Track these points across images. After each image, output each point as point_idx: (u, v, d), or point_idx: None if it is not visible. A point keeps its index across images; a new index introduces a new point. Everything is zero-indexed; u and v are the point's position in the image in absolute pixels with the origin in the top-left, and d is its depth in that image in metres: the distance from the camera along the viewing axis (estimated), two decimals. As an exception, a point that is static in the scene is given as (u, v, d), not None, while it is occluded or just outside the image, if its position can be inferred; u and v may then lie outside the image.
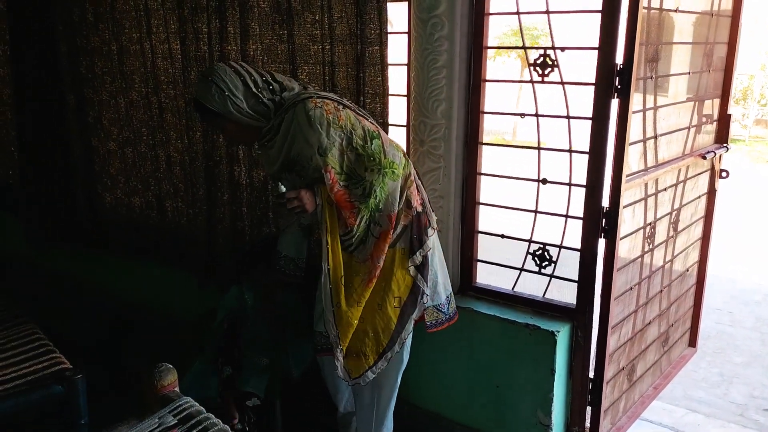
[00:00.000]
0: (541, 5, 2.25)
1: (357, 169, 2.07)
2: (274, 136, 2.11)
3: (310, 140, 2.02)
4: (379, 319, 2.19)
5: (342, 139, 2.04)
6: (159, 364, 1.85)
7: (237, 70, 2.08)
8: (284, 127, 2.07)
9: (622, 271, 2.47)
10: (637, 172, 2.44)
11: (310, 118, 2.00)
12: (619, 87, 2.16)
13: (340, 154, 2.04)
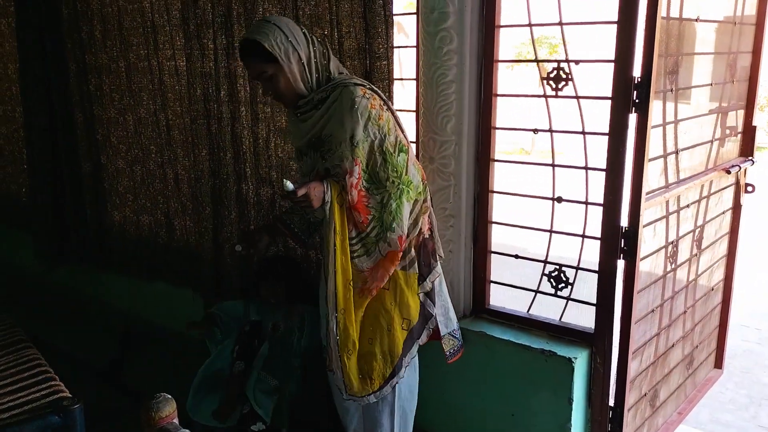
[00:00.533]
0: (554, 17, 2.16)
1: (380, 174, 2.00)
2: (311, 110, 2.03)
3: (346, 125, 1.94)
4: (388, 341, 2.11)
5: (376, 138, 1.97)
6: (157, 394, 1.78)
7: (299, 26, 2.04)
8: (327, 104, 2.00)
9: (643, 293, 2.35)
10: (658, 189, 2.33)
11: (354, 104, 1.93)
12: (637, 101, 2.05)
13: (369, 151, 1.98)
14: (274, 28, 1.94)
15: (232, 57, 2.79)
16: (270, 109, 2.75)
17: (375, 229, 2.02)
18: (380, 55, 2.36)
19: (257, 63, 1.97)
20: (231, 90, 2.84)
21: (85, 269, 3.91)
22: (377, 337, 2.11)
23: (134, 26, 3.21)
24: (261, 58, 1.95)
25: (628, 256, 2.18)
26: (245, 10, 2.68)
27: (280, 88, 2.00)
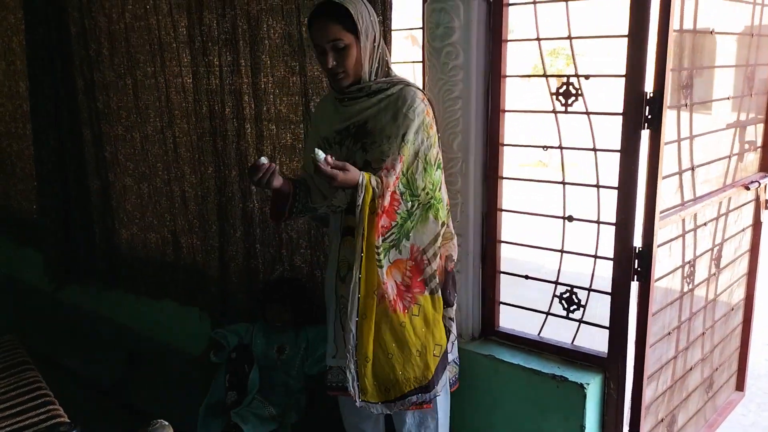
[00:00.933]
0: (563, 30, 2.10)
1: (418, 181, 1.94)
2: (363, 96, 1.95)
3: (399, 121, 1.90)
4: (415, 365, 2.00)
5: (423, 144, 1.93)
6: (153, 421, 1.73)
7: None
8: (383, 96, 1.94)
9: (659, 315, 2.26)
10: (673, 208, 2.24)
11: (414, 104, 1.91)
12: (650, 117, 1.98)
13: (413, 155, 1.92)
14: (360, 2, 1.88)
15: (237, 74, 2.76)
16: (275, 127, 2.71)
17: (392, 236, 1.96)
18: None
19: (337, 27, 1.85)
20: (236, 107, 2.81)
21: (93, 287, 3.89)
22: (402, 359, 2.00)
23: (141, 43, 3.20)
24: (342, 25, 1.85)
25: (642, 277, 2.09)
26: (249, 27, 2.65)
27: (348, 63, 1.88)
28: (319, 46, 1.88)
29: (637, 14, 1.92)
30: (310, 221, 2.70)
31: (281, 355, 2.63)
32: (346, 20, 1.84)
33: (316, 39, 1.88)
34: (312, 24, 1.88)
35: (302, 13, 2.48)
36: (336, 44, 1.85)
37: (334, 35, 1.85)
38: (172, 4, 2.97)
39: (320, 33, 1.87)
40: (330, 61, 1.87)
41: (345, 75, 1.89)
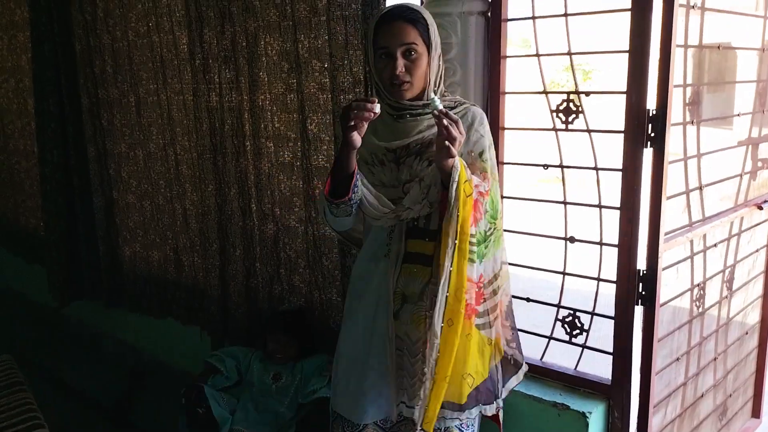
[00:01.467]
0: (563, 46, 2.03)
1: (497, 204, 1.79)
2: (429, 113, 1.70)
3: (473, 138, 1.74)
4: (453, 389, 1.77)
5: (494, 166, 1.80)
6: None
7: None
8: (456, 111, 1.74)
9: (667, 340, 2.17)
10: (680, 229, 2.16)
11: (484, 122, 1.79)
12: (653, 135, 1.91)
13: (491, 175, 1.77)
14: (431, 19, 1.73)
15: (236, 91, 2.73)
16: (272, 144, 2.68)
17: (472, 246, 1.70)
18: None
19: (414, 32, 1.67)
20: (235, 124, 2.78)
21: (97, 305, 3.87)
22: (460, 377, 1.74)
23: (144, 61, 3.19)
24: (418, 31, 1.68)
25: (647, 301, 2.01)
26: (248, 43, 2.63)
27: (417, 74, 1.69)
28: (387, 49, 1.67)
29: (637, 29, 1.85)
30: (307, 244, 2.66)
31: (276, 382, 2.57)
32: (421, 28, 1.69)
33: (386, 41, 1.67)
34: (381, 25, 1.68)
35: (299, 30, 2.45)
36: (409, 49, 1.67)
37: (410, 39, 1.67)
38: (174, 22, 2.96)
39: (394, 35, 1.66)
40: (400, 67, 1.66)
41: (410, 86, 1.70)
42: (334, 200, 1.69)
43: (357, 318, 1.87)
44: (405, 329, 1.76)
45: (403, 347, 1.77)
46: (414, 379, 1.74)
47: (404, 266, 1.77)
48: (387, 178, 1.78)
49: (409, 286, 1.76)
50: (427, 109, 1.71)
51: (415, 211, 1.70)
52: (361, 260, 1.90)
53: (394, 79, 1.68)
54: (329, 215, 1.76)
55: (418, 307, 1.74)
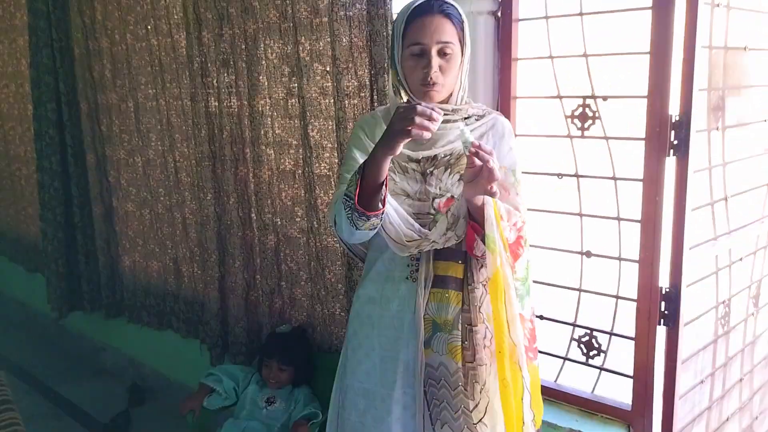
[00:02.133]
0: (578, 48, 1.91)
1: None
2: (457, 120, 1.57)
3: (504, 152, 1.60)
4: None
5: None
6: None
7: None
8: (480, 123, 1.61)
9: (690, 362, 2.02)
10: (704, 242, 2.02)
11: (513, 136, 1.65)
12: (676, 142, 1.77)
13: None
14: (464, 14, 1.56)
15: (235, 95, 2.62)
16: (272, 151, 2.56)
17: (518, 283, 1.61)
18: (387, 92, 2.14)
19: (452, 29, 1.50)
20: (234, 130, 2.66)
21: (96, 316, 3.76)
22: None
23: (142, 65, 3.09)
24: (456, 29, 1.51)
25: (670, 321, 1.87)
26: (247, 46, 2.52)
27: (451, 75, 1.53)
28: (421, 46, 1.49)
29: (659, 29, 1.72)
30: (305, 256, 2.54)
31: (269, 405, 2.45)
32: (458, 24, 1.51)
33: (420, 37, 1.49)
34: (415, 19, 1.50)
35: (299, 31, 2.33)
36: (446, 48, 1.49)
37: (447, 37, 1.49)
38: (172, 24, 2.86)
39: (430, 31, 1.48)
40: (435, 67, 1.49)
41: (441, 89, 1.53)
42: (368, 212, 1.47)
43: (371, 347, 1.66)
44: (440, 360, 1.59)
45: (438, 378, 1.59)
46: (457, 413, 1.58)
47: (433, 291, 1.59)
48: (412, 189, 1.59)
49: (441, 313, 1.59)
50: (455, 115, 1.56)
51: (439, 243, 1.53)
52: (371, 281, 1.68)
53: (426, 80, 1.50)
54: (348, 227, 1.51)
55: (453, 336, 1.57)
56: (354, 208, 1.46)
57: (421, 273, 1.59)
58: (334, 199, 1.58)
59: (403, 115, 1.36)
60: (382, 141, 1.42)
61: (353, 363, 1.70)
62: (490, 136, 1.61)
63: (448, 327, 1.58)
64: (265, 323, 2.78)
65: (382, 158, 1.42)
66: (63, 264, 3.70)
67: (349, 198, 1.46)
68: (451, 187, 1.57)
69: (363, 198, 1.46)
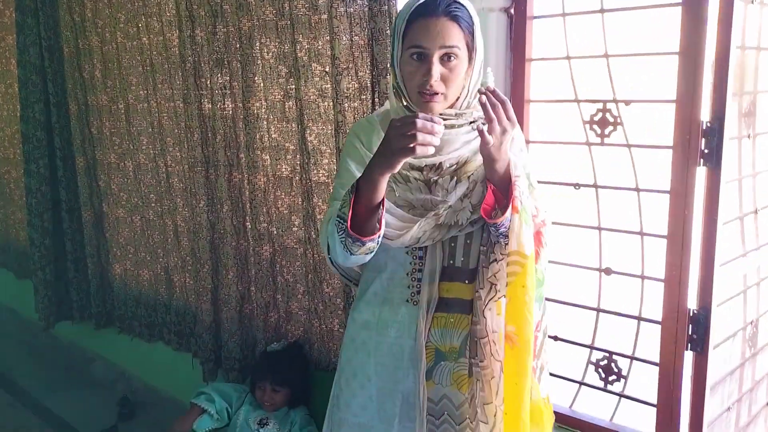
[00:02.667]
0: (599, 48, 1.75)
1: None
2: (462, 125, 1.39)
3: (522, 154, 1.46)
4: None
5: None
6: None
7: None
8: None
9: (716, 389, 1.87)
10: (733, 259, 1.86)
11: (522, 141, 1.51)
12: (706, 151, 1.62)
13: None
14: (476, 16, 1.38)
15: (229, 97, 2.47)
16: (268, 156, 2.41)
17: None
18: (388, 94, 1.99)
19: (458, 33, 1.32)
20: (228, 134, 2.51)
21: (86, 325, 3.62)
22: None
23: (133, 65, 2.95)
24: (463, 33, 1.34)
25: (698, 346, 1.72)
26: (241, 45, 2.37)
27: (454, 83, 1.35)
28: (422, 50, 1.32)
29: (690, 27, 1.57)
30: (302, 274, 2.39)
31: (261, 427, 2.30)
32: (465, 27, 1.33)
33: (421, 40, 1.32)
34: (417, 19, 1.32)
35: (297, 29, 2.19)
36: (450, 53, 1.32)
37: (452, 41, 1.31)
38: (164, 22, 2.71)
39: (433, 34, 1.31)
40: (435, 75, 1.32)
41: (442, 99, 1.36)
42: (362, 237, 1.30)
43: (366, 377, 1.50)
44: (443, 392, 1.44)
45: (440, 413, 1.45)
46: None
47: (436, 315, 1.44)
48: (416, 199, 1.41)
49: (445, 340, 1.43)
50: (461, 119, 1.38)
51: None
52: (366, 304, 1.52)
53: (425, 88, 1.33)
54: (342, 251, 1.34)
55: (459, 365, 1.43)
56: (347, 233, 1.30)
57: (423, 295, 1.43)
58: (326, 218, 1.41)
59: (401, 130, 1.19)
60: (379, 158, 1.24)
61: (347, 395, 1.54)
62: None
63: (454, 355, 1.43)
64: (260, 338, 2.63)
65: (380, 177, 1.25)
66: (51, 272, 3.56)
67: (342, 220, 1.30)
68: (456, 198, 1.39)
69: (357, 220, 1.30)
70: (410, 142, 1.17)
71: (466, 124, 1.40)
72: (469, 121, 1.40)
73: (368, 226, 1.30)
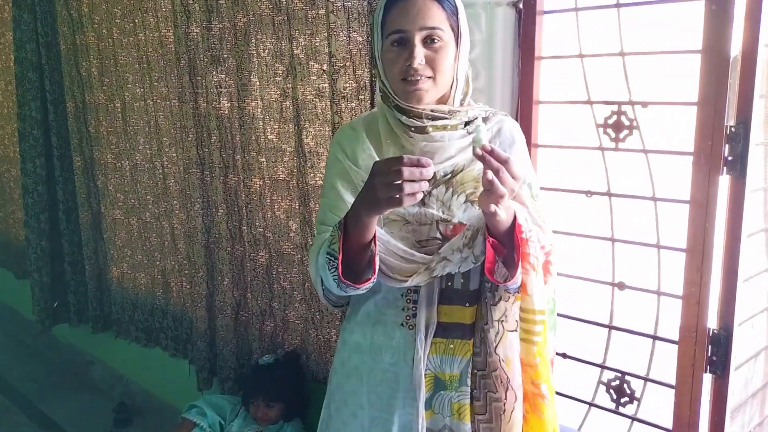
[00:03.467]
0: (614, 45, 1.63)
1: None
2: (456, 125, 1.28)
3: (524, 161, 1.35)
4: None
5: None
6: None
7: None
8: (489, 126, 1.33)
9: (737, 413, 1.74)
10: (757, 275, 1.73)
11: (524, 143, 1.38)
12: (730, 158, 1.49)
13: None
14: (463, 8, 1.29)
15: (225, 96, 2.37)
16: (264, 159, 2.31)
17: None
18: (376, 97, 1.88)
19: (440, 13, 1.22)
20: (224, 134, 2.41)
21: (83, 328, 3.53)
22: None
23: (130, 62, 2.85)
24: (446, 13, 1.23)
25: (718, 368, 1.59)
26: (237, 42, 2.26)
27: (443, 67, 1.23)
28: (402, 34, 1.22)
29: (715, 24, 1.44)
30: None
31: None
32: (449, 8, 1.24)
33: (400, 23, 1.22)
34: (395, 3, 1.23)
35: (293, 25, 2.07)
36: (432, 35, 1.21)
37: (433, 21, 1.21)
38: (159, 18, 2.62)
39: (411, 15, 1.21)
40: (419, 57, 1.21)
41: (431, 85, 1.23)
42: (354, 284, 1.20)
43: (359, 405, 1.38)
44: (444, 422, 1.32)
45: None
46: None
47: (436, 341, 1.31)
48: (409, 213, 1.28)
49: (445, 368, 1.31)
50: (454, 119, 1.26)
51: (454, 263, 1.23)
52: (358, 325, 1.39)
53: (408, 74, 1.22)
54: (336, 290, 1.24)
55: (461, 393, 1.31)
56: (339, 280, 1.19)
57: (421, 319, 1.30)
58: (314, 248, 1.29)
59: (386, 179, 1.05)
60: (364, 203, 1.12)
61: (337, 423, 1.42)
62: (497, 144, 1.32)
63: (455, 384, 1.31)
64: (256, 347, 2.52)
65: (367, 219, 1.14)
66: (47, 274, 3.48)
67: (332, 258, 1.18)
68: (456, 211, 1.27)
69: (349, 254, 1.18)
70: (396, 192, 1.04)
71: (461, 125, 1.28)
72: (463, 122, 1.28)
73: (361, 264, 1.20)
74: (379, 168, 1.07)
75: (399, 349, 1.33)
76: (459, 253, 1.23)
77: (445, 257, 1.23)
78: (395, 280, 1.26)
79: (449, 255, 1.23)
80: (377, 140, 1.33)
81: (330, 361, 2.29)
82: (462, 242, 1.23)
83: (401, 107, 1.26)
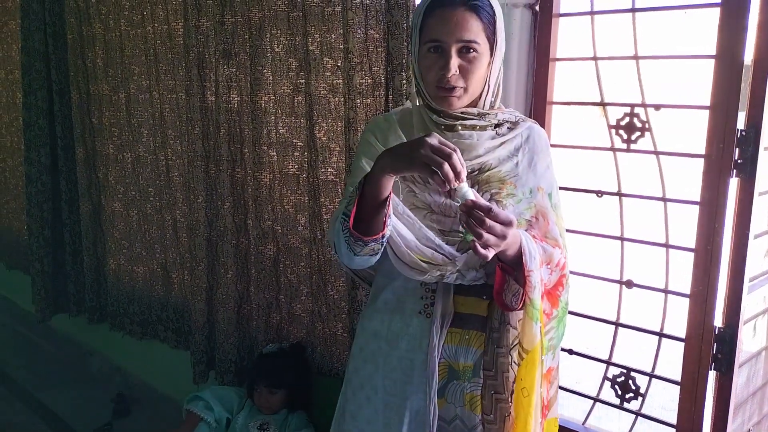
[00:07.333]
0: (628, 49, 1.67)
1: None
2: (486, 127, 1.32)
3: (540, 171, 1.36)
4: None
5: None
6: None
7: None
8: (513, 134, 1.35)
9: (738, 410, 1.79)
10: (762, 275, 1.78)
11: (549, 151, 1.40)
12: (740, 161, 1.54)
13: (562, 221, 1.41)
14: (499, 8, 1.31)
15: (236, 89, 2.38)
16: (275, 153, 2.32)
17: (551, 331, 1.38)
18: (405, 92, 1.91)
19: (477, 25, 1.24)
20: (233, 128, 2.42)
21: (82, 319, 3.52)
22: None
23: (136, 54, 2.85)
24: (483, 25, 1.26)
25: (723, 366, 1.63)
26: (251, 36, 2.28)
27: (475, 78, 1.27)
28: (439, 43, 1.25)
29: (729, 29, 1.48)
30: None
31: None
32: (486, 19, 1.26)
33: (438, 33, 1.25)
34: (434, 10, 1.26)
35: (309, 21, 2.09)
36: (469, 47, 1.25)
37: (471, 34, 1.24)
38: (169, 11, 2.62)
39: (450, 27, 1.23)
40: (453, 68, 1.24)
41: (462, 94, 1.28)
42: (364, 237, 1.21)
43: (373, 389, 1.42)
44: (455, 411, 1.35)
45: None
46: None
47: (451, 330, 1.35)
48: (435, 203, 1.32)
49: (459, 358, 1.35)
50: (483, 120, 1.31)
51: (466, 279, 1.30)
52: (377, 312, 1.43)
53: (442, 82, 1.26)
54: (346, 251, 1.27)
55: (473, 384, 1.34)
56: (349, 231, 1.21)
57: (438, 308, 1.34)
58: (333, 217, 1.33)
59: (436, 151, 1.09)
60: (393, 155, 1.16)
61: (353, 406, 1.45)
62: (526, 150, 1.35)
63: (467, 374, 1.34)
64: (261, 340, 2.54)
65: (382, 175, 1.17)
66: (49, 263, 3.47)
67: (346, 217, 1.21)
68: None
69: (361, 218, 1.21)
70: (438, 164, 1.08)
71: (490, 127, 1.32)
72: (493, 124, 1.32)
73: (373, 226, 1.22)
74: (437, 138, 1.11)
75: (415, 337, 1.36)
76: (474, 272, 1.29)
77: (459, 271, 1.29)
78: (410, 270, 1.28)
79: (464, 271, 1.29)
80: (410, 132, 1.37)
81: (335, 355, 2.31)
82: (478, 263, 1.28)
83: (432, 107, 1.31)
